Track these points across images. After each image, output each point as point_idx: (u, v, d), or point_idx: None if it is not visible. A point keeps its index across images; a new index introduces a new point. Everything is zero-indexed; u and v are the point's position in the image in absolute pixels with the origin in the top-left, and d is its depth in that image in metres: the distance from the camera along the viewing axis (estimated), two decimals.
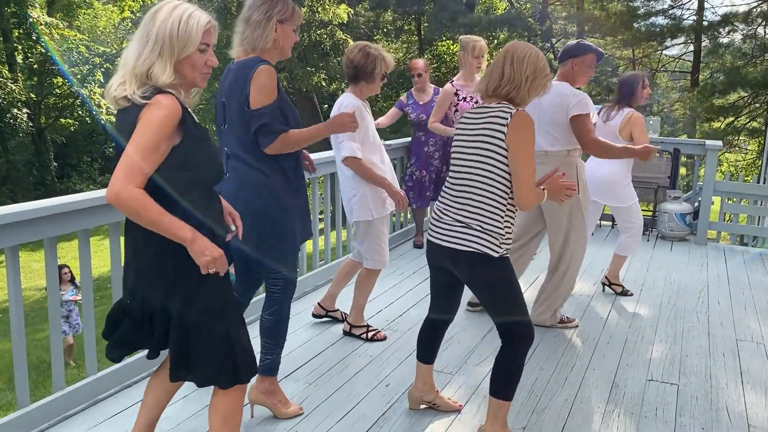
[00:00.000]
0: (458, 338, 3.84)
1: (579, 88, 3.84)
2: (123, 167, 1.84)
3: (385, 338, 3.81)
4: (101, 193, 2.97)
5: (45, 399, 2.79)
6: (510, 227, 2.54)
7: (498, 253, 2.48)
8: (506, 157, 2.47)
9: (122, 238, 3.19)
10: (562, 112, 3.69)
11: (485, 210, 2.49)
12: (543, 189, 2.59)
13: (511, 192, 2.51)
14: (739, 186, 6.47)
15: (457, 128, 2.67)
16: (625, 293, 4.72)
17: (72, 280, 8.46)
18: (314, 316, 4.03)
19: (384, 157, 3.59)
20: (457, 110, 4.98)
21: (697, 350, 3.79)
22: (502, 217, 2.50)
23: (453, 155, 2.64)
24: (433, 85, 5.59)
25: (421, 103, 5.43)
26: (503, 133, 2.46)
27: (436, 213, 2.65)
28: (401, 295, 4.60)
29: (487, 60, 4.92)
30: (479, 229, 2.49)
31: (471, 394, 3.15)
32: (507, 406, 2.62)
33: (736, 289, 4.97)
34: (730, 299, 4.73)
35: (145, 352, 2.16)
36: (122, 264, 3.14)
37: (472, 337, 3.87)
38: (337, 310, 4.06)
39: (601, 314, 4.33)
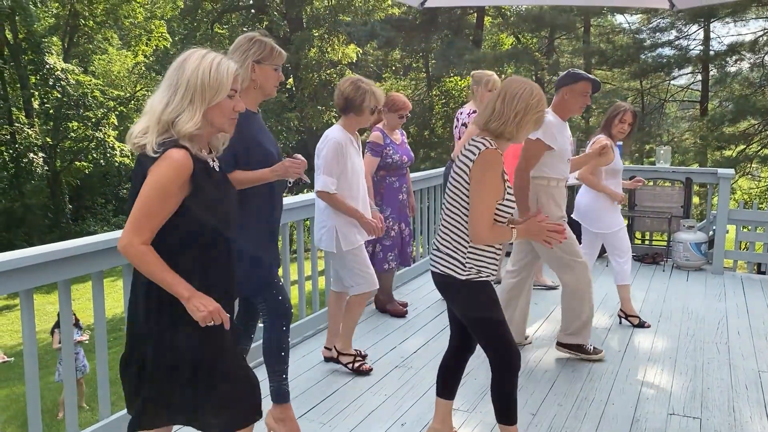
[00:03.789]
0: (474, 374, 3.78)
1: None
2: (132, 222, 1.91)
3: (371, 370, 3.80)
4: (112, 235, 3.00)
5: None
6: (478, 256, 2.57)
7: (462, 276, 2.56)
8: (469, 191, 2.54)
9: None
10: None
11: (451, 236, 2.61)
12: (512, 228, 2.57)
13: None
14: (753, 214, 6.41)
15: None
16: (642, 325, 4.66)
17: (76, 323, 8.42)
18: (325, 359, 3.98)
19: (361, 189, 3.66)
20: None
21: (718, 383, 3.71)
22: (466, 247, 2.57)
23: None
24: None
25: (398, 143, 4.69)
26: (469, 168, 2.54)
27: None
28: (415, 331, 4.56)
29: None
30: (444, 252, 2.62)
31: None
32: (514, 430, 2.66)
33: (756, 319, 4.88)
34: (750, 329, 4.64)
35: None
36: None
37: (488, 371, 3.80)
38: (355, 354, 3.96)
39: (619, 347, 4.26)
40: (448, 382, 2.88)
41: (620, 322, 4.73)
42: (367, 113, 3.64)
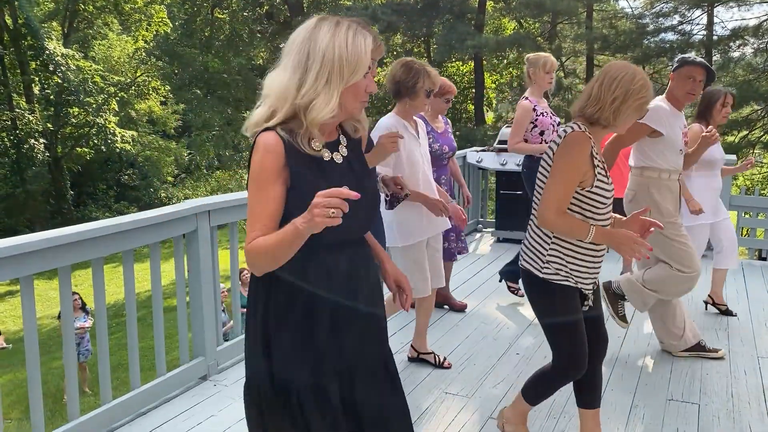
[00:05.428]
0: (474, 359, 3.80)
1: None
2: (247, 229, 1.67)
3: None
4: (112, 221, 3.00)
5: (60, 428, 2.78)
6: (560, 253, 2.44)
7: (541, 274, 2.45)
8: None
9: (136, 266, 3.21)
10: None
11: (535, 229, 2.50)
12: (591, 226, 2.36)
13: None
14: (755, 200, 6.40)
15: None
16: (729, 313, 4.63)
17: (83, 306, 8.47)
18: (409, 359, 3.85)
19: (420, 180, 3.36)
20: (535, 126, 4.59)
21: (717, 368, 3.72)
22: (548, 242, 2.45)
23: None
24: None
25: (439, 132, 4.40)
26: (553, 151, 2.42)
27: None
28: (413, 318, 4.56)
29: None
30: (528, 245, 2.53)
31: (487, 419, 3.10)
32: (523, 406, 2.72)
33: (756, 305, 4.89)
34: (750, 315, 4.65)
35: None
36: (135, 291, 3.17)
37: (488, 357, 3.83)
38: (431, 352, 3.82)
39: (619, 333, 4.26)
40: (582, 390, 2.71)
41: (706, 309, 4.70)
42: (423, 96, 3.36)
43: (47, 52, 20.43)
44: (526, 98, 4.72)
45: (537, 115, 4.62)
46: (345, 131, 1.78)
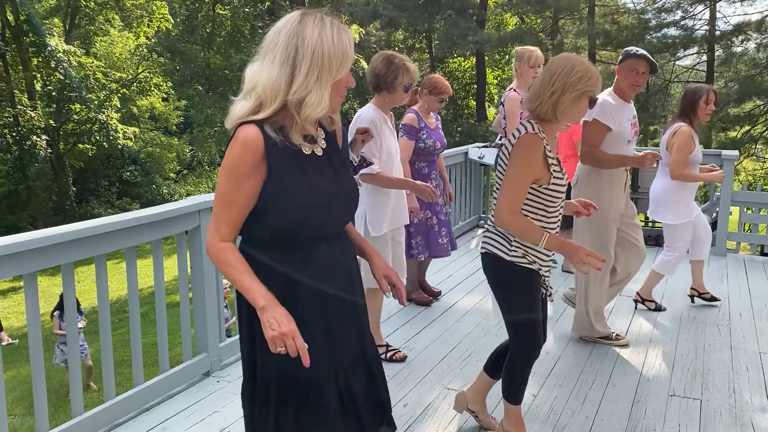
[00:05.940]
0: (476, 355, 3.81)
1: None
2: (212, 217, 1.70)
3: (404, 358, 3.77)
4: (114, 218, 3.01)
5: (64, 425, 2.79)
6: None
7: (508, 256, 2.51)
8: None
9: (138, 262, 3.22)
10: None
11: None
12: (545, 231, 2.42)
13: (527, 206, 2.50)
14: (757, 195, 6.39)
15: None
16: (659, 309, 4.61)
17: (76, 306, 8.46)
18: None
19: (394, 172, 3.47)
20: (520, 119, 4.64)
21: (719, 364, 3.72)
22: None
23: None
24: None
25: (432, 128, 4.43)
26: (509, 150, 2.49)
27: None
28: (416, 314, 4.57)
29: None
30: (492, 232, 2.58)
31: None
32: (513, 409, 2.70)
33: (758, 301, 4.89)
34: (752, 311, 4.65)
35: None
36: (138, 287, 3.18)
37: (490, 354, 3.83)
38: (384, 344, 3.84)
39: (621, 329, 4.27)
40: (493, 358, 2.84)
41: (635, 307, 4.66)
42: (401, 91, 3.41)
43: (49, 48, 20.44)
44: (514, 90, 4.74)
45: (522, 109, 4.64)
46: (321, 124, 1.80)
